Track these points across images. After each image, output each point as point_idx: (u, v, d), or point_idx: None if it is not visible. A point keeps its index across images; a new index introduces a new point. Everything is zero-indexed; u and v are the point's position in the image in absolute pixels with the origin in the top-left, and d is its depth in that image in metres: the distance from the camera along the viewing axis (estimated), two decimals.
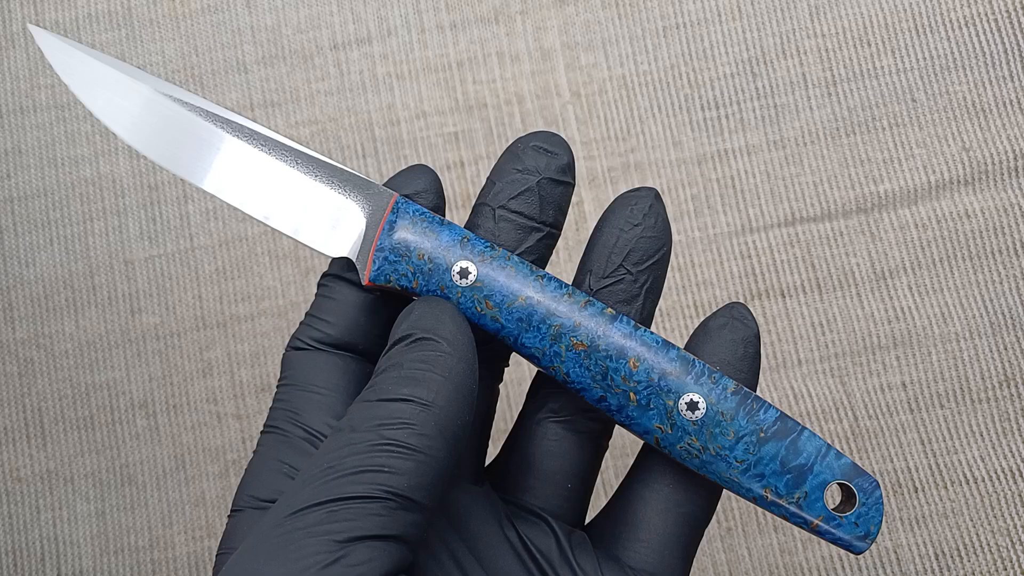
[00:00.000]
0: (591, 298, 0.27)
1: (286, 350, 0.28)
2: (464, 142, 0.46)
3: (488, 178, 0.28)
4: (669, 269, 0.44)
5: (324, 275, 0.28)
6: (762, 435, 0.26)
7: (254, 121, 0.29)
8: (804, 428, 0.26)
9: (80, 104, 0.47)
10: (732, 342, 0.27)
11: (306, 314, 0.28)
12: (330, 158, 0.28)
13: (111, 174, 0.47)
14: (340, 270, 0.28)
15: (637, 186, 0.29)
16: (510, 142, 0.46)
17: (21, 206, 0.46)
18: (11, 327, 0.45)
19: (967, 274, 0.44)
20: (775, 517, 0.41)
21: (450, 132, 0.46)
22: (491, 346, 0.28)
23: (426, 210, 0.27)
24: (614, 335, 0.26)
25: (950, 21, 0.46)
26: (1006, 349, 0.43)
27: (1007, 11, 0.45)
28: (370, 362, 0.27)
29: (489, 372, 0.29)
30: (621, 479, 0.29)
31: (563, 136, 0.28)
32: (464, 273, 0.26)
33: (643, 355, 0.26)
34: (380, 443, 0.22)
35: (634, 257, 0.27)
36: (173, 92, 0.28)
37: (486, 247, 0.27)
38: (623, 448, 0.43)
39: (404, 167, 0.30)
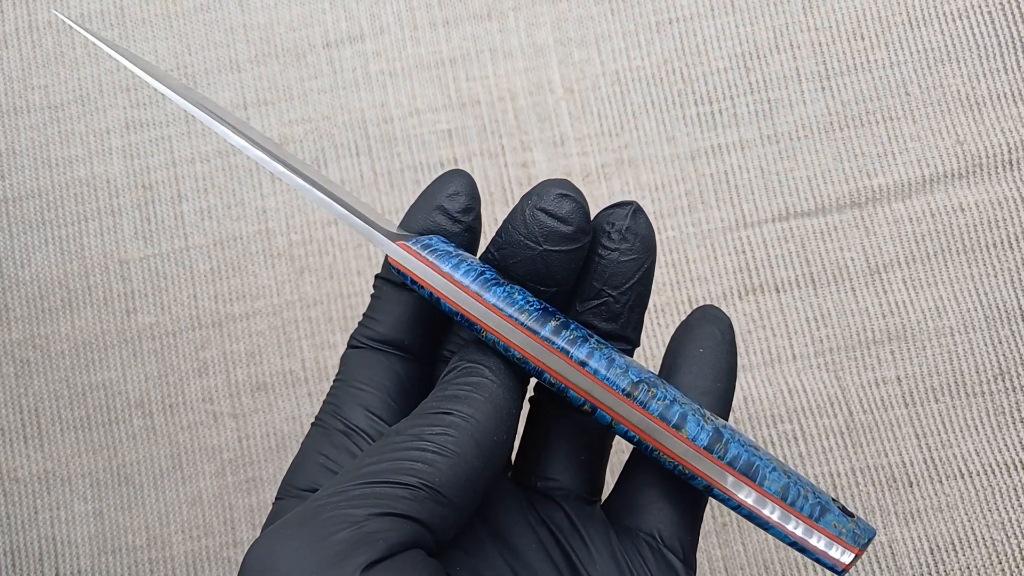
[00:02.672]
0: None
1: (346, 349, 0.30)
2: (457, 139, 0.46)
3: (502, 223, 0.28)
4: (663, 266, 0.45)
5: (376, 276, 0.30)
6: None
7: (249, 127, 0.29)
8: (772, 526, 0.26)
9: (81, 101, 0.47)
10: (711, 333, 0.29)
11: (363, 315, 0.30)
12: (330, 183, 0.29)
13: (105, 174, 0.47)
14: (387, 272, 0.30)
15: (618, 200, 0.29)
16: (503, 140, 0.46)
17: (15, 207, 0.47)
18: (7, 328, 0.46)
19: (962, 268, 0.44)
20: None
21: (443, 129, 0.46)
22: None
23: (415, 291, 0.27)
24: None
25: (944, 14, 0.46)
26: (1001, 343, 0.43)
27: (1001, 3, 0.45)
28: (418, 361, 0.29)
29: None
30: None
31: (577, 188, 0.27)
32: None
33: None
34: (418, 443, 0.24)
35: (614, 281, 0.28)
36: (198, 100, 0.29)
37: (470, 327, 0.27)
38: None
39: (441, 172, 0.30)
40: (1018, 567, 0.41)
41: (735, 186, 0.45)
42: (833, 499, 0.27)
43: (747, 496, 0.26)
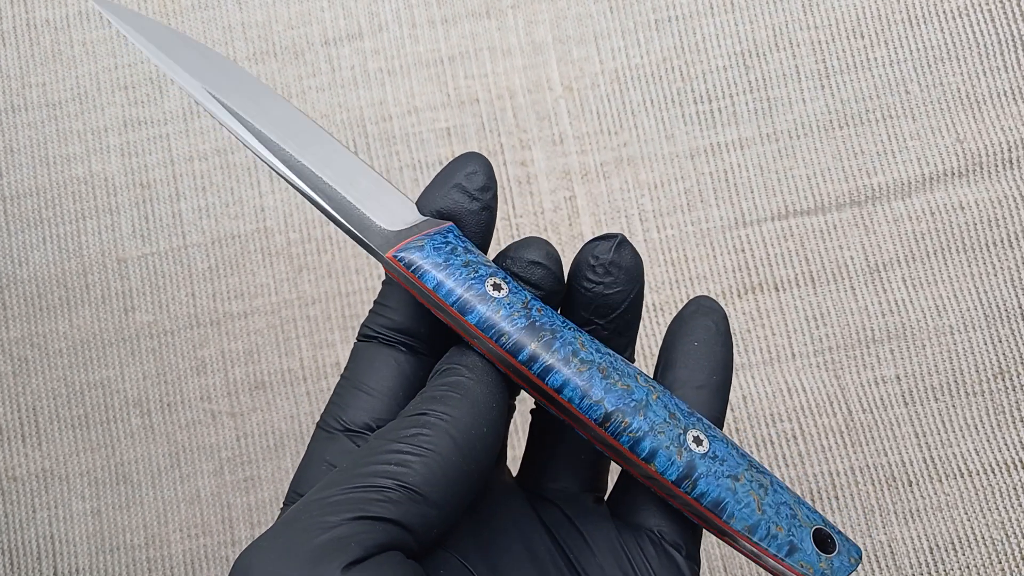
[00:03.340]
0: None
1: (356, 339, 0.29)
2: (456, 137, 0.46)
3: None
4: (662, 264, 0.44)
5: None
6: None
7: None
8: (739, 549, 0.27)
9: (79, 99, 0.47)
10: (705, 325, 0.29)
11: (374, 302, 0.29)
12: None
13: (103, 172, 0.47)
14: None
15: (604, 233, 0.29)
16: (502, 139, 0.46)
17: (13, 205, 0.46)
18: (5, 326, 0.45)
19: (961, 266, 0.44)
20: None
21: (442, 127, 0.46)
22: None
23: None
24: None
25: (944, 11, 0.45)
26: (1001, 342, 0.43)
27: (1000, 1, 0.45)
28: (430, 353, 0.29)
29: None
30: None
31: (549, 248, 0.29)
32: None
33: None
34: (393, 446, 0.25)
35: (601, 312, 0.29)
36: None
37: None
38: None
39: (455, 157, 0.30)
40: (1018, 566, 0.41)
41: (734, 184, 0.45)
42: (819, 527, 0.27)
43: (713, 526, 0.27)
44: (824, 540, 0.26)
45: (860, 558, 0.27)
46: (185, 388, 0.45)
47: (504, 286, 0.27)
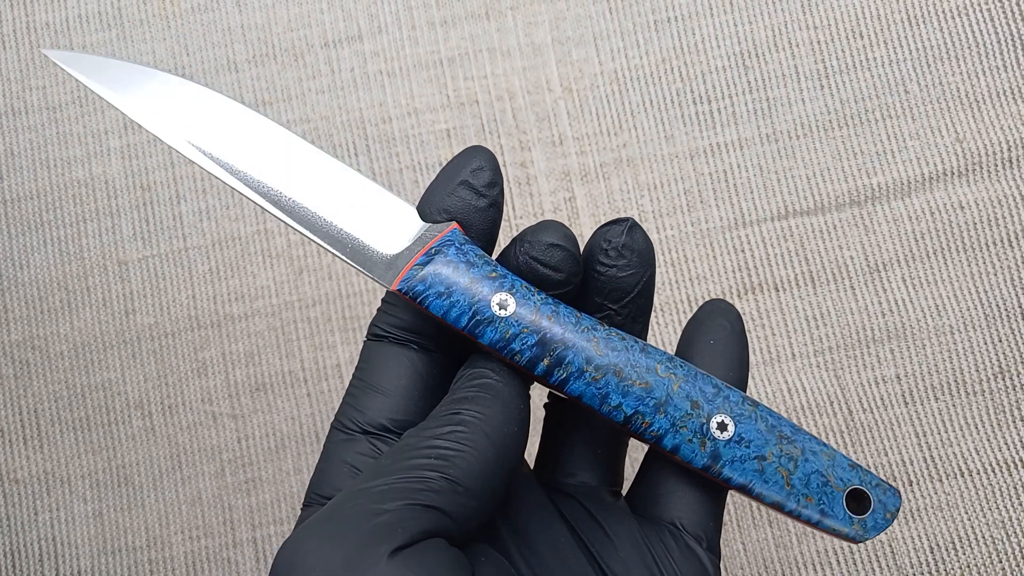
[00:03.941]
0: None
1: (366, 338, 0.29)
2: (456, 139, 0.46)
3: (496, 258, 0.28)
4: (663, 265, 0.44)
5: None
6: None
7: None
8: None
9: (79, 102, 0.47)
10: (721, 325, 0.30)
11: (382, 300, 0.29)
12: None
13: (104, 175, 0.47)
14: None
15: (614, 218, 0.29)
16: (502, 140, 0.46)
17: (14, 208, 0.47)
18: (6, 329, 0.46)
19: (961, 266, 0.44)
20: (769, 511, 0.41)
21: (442, 129, 0.46)
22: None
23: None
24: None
25: (943, 11, 0.45)
26: (1001, 341, 0.43)
27: (1000, 0, 0.45)
28: (442, 351, 0.29)
29: None
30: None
31: (567, 231, 0.28)
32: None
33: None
34: (432, 442, 0.25)
35: (614, 296, 0.29)
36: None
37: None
38: None
39: (459, 151, 0.30)
40: (1018, 565, 0.41)
41: (734, 185, 0.45)
42: (854, 487, 0.27)
43: (743, 496, 0.27)
44: (861, 498, 0.27)
45: (898, 509, 0.28)
46: (186, 390, 0.45)
47: (511, 301, 0.27)
